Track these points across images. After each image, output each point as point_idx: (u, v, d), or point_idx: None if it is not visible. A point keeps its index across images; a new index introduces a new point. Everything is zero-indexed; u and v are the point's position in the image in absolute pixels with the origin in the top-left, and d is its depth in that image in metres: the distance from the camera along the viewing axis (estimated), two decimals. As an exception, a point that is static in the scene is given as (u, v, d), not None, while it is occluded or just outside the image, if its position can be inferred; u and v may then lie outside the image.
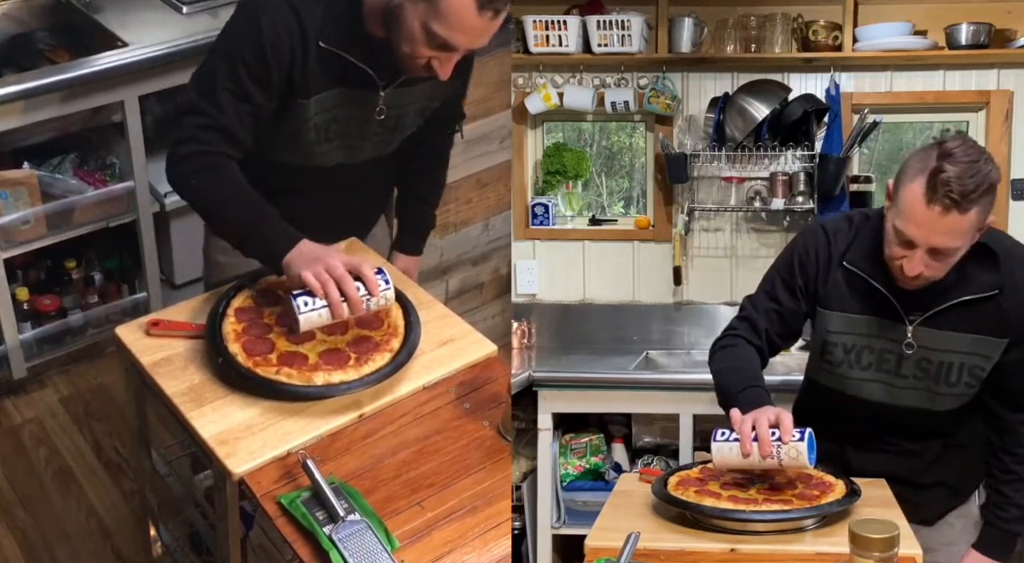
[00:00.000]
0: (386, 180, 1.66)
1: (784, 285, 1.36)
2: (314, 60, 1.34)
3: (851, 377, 1.34)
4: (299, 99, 1.37)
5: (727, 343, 1.39)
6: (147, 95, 2.14)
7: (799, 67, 2.37)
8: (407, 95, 1.44)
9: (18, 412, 2.30)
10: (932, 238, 1.19)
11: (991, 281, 1.27)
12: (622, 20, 2.32)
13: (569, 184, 2.53)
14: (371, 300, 1.30)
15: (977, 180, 1.16)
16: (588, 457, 2.17)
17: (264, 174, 1.48)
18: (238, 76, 1.32)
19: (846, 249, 1.32)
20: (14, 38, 2.29)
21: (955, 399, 1.33)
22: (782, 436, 1.17)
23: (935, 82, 2.36)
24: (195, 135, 1.35)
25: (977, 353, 1.29)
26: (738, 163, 2.37)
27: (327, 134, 1.44)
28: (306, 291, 1.28)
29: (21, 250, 2.17)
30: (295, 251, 1.31)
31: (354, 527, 1.10)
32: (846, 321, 1.32)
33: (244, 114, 1.35)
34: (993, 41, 2.26)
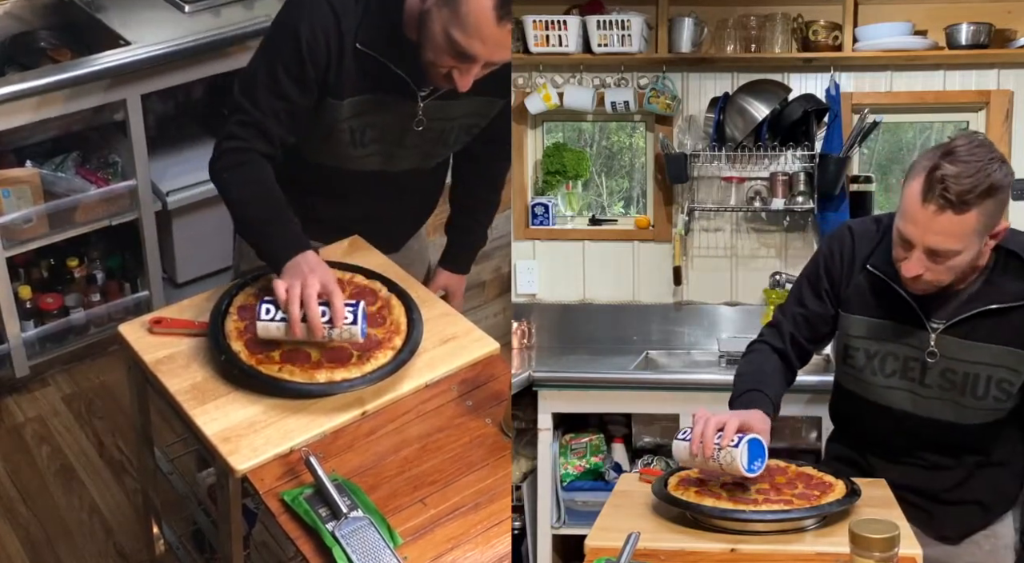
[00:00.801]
0: (428, 193, 1.66)
1: (810, 288, 1.35)
2: (350, 62, 1.35)
3: (875, 383, 1.31)
4: (332, 99, 1.39)
5: (750, 349, 1.40)
6: (149, 94, 2.15)
7: (799, 67, 2.37)
8: (449, 109, 1.44)
9: (21, 410, 2.31)
10: (928, 238, 1.16)
11: (1020, 290, 1.23)
12: (622, 20, 2.32)
13: (569, 184, 2.54)
14: (333, 330, 1.29)
15: (975, 180, 1.12)
16: (588, 457, 2.17)
17: (302, 174, 1.50)
18: (276, 75, 1.35)
19: (871, 252, 1.29)
20: (16, 37, 2.29)
21: (983, 414, 1.27)
22: (723, 438, 1.18)
23: (935, 82, 2.36)
24: (234, 132, 1.39)
25: (1005, 365, 1.24)
26: (738, 163, 2.38)
27: (363, 139, 1.45)
28: (273, 299, 1.30)
29: (23, 249, 2.17)
30: (296, 260, 1.32)
31: (357, 524, 1.11)
32: (867, 325, 1.30)
33: (281, 112, 1.37)
34: (993, 41, 2.27)
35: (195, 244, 2.40)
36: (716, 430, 1.18)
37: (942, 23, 2.29)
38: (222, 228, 1.69)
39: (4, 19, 2.28)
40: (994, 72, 2.33)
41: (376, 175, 1.51)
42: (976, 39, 2.26)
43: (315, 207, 1.54)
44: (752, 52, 2.36)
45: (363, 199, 1.56)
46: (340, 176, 1.52)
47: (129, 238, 2.34)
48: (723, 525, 1.16)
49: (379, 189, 1.54)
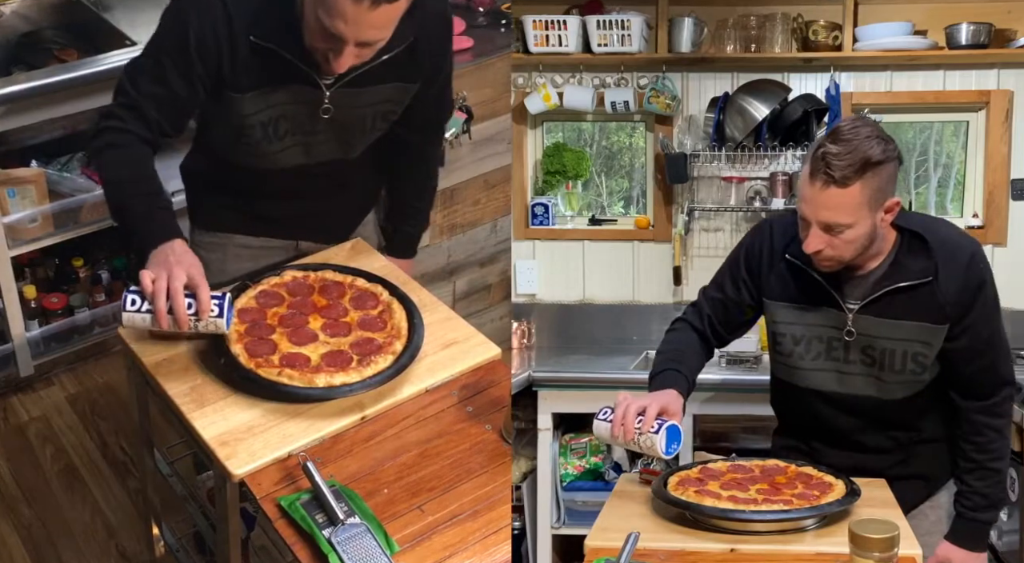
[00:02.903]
0: (365, 183, 1.64)
1: (730, 277, 1.42)
2: (246, 55, 1.34)
3: (803, 367, 1.38)
4: (231, 93, 1.37)
5: (673, 327, 1.46)
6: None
7: (799, 67, 2.37)
8: (357, 96, 1.42)
9: (25, 410, 2.31)
10: (819, 213, 1.25)
11: (923, 268, 1.31)
12: (622, 20, 2.32)
13: (569, 184, 2.54)
14: (199, 322, 1.29)
15: (853, 157, 1.22)
16: (588, 457, 2.18)
17: (232, 178, 1.49)
18: (161, 64, 1.35)
19: (789, 242, 1.36)
20: (23, 36, 2.29)
21: (903, 387, 1.35)
22: (643, 423, 1.24)
23: (935, 82, 2.36)
24: (115, 112, 1.38)
25: (918, 340, 1.32)
26: (738, 163, 2.38)
27: (276, 133, 1.43)
28: (139, 290, 1.29)
29: (28, 248, 2.17)
30: (161, 248, 1.31)
31: (354, 530, 1.11)
32: (790, 311, 1.37)
33: (163, 101, 1.37)
34: (993, 41, 2.26)
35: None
36: (636, 415, 1.25)
37: (942, 23, 2.29)
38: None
39: (11, 19, 2.28)
40: (994, 72, 2.32)
41: (301, 169, 1.50)
42: (976, 39, 2.25)
43: (253, 207, 1.54)
44: (752, 52, 2.35)
45: (297, 195, 1.54)
46: (265, 175, 1.50)
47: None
48: (723, 525, 1.16)
49: (310, 183, 1.53)
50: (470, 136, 2.07)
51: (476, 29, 2.11)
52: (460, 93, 2.02)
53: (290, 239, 1.60)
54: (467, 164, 2.15)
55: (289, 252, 1.60)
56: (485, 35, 2.10)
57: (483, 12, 2.14)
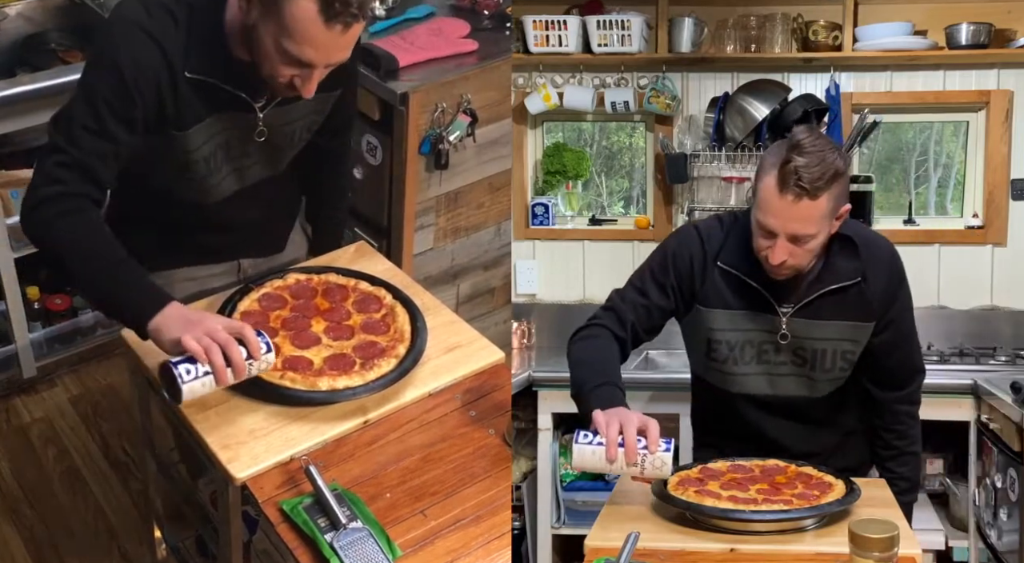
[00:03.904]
0: (292, 191, 1.63)
1: (654, 282, 1.39)
2: (185, 90, 1.29)
3: (736, 372, 1.39)
4: (174, 132, 1.32)
5: (590, 333, 1.38)
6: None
7: (799, 67, 2.37)
8: (288, 113, 1.41)
9: (27, 411, 2.31)
10: (789, 226, 1.26)
11: (854, 269, 1.34)
12: (622, 20, 2.32)
13: (569, 184, 2.54)
14: (253, 364, 1.22)
15: (823, 168, 1.23)
16: (588, 457, 2.18)
17: (166, 216, 1.44)
18: (99, 114, 1.26)
19: (719, 249, 1.37)
20: (28, 38, 2.29)
21: (830, 384, 1.39)
22: (649, 445, 1.17)
23: (935, 82, 2.36)
24: (55, 174, 1.26)
25: (847, 339, 1.36)
26: (738, 163, 2.38)
27: (215, 163, 1.39)
28: (186, 357, 1.19)
29: (32, 250, 2.14)
30: (163, 314, 1.22)
31: (356, 535, 1.10)
32: (726, 317, 1.37)
33: (107, 154, 1.28)
34: (993, 41, 2.26)
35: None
36: (636, 434, 1.18)
37: (942, 23, 2.29)
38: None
39: (16, 20, 2.28)
40: (994, 72, 2.33)
41: (236, 194, 1.46)
42: (976, 39, 2.25)
43: (193, 239, 1.48)
44: (752, 52, 2.36)
45: (233, 218, 1.51)
46: (203, 207, 1.45)
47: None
48: (723, 525, 1.16)
49: (245, 205, 1.50)
50: (475, 139, 2.07)
51: (481, 32, 2.11)
52: (465, 96, 2.03)
53: (232, 261, 1.58)
54: (471, 167, 2.15)
55: (233, 273, 1.58)
56: (490, 38, 2.10)
57: (488, 15, 2.14)
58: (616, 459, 1.17)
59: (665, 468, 1.18)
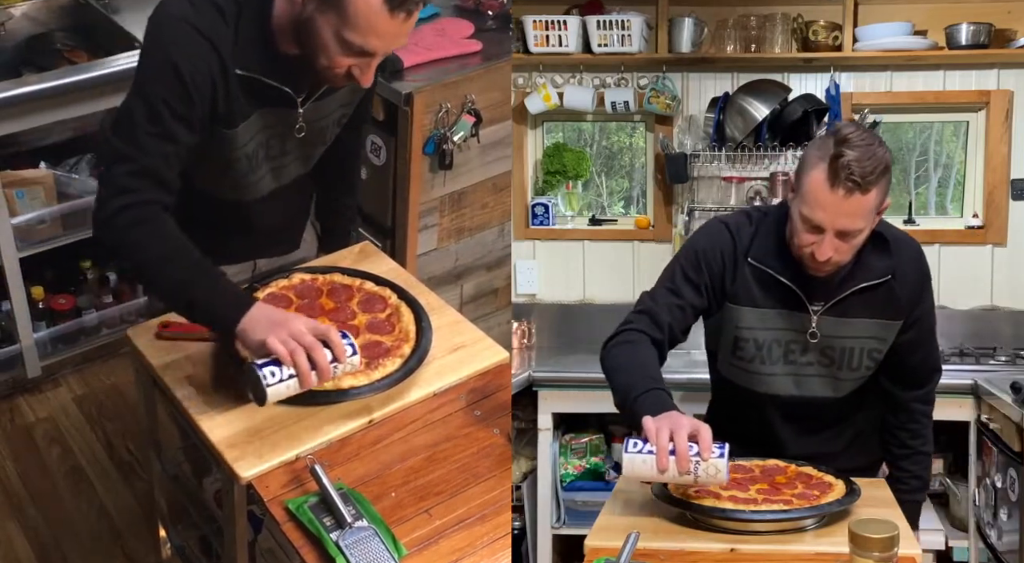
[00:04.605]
0: (308, 189, 1.63)
1: (687, 280, 1.36)
2: (234, 88, 1.29)
3: (762, 372, 1.37)
4: (224, 129, 1.32)
5: (626, 339, 1.32)
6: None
7: (799, 67, 2.38)
8: (323, 108, 1.42)
9: (32, 411, 2.32)
10: (838, 221, 1.24)
11: (885, 266, 1.33)
12: (622, 20, 2.33)
13: (569, 184, 2.55)
14: (338, 366, 1.23)
15: (875, 162, 1.22)
16: (588, 457, 2.19)
17: (200, 216, 1.42)
18: (160, 117, 1.25)
19: (749, 245, 1.35)
20: (33, 38, 2.30)
21: (854, 383, 1.38)
22: (701, 452, 1.13)
23: (935, 82, 2.37)
24: (126, 184, 1.26)
25: (875, 336, 1.35)
26: (738, 163, 2.39)
27: (257, 161, 1.39)
28: (271, 360, 1.20)
29: (37, 249, 2.18)
30: (250, 316, 1.23)
31: (361, 534, 1.11)
32: (757, 315, 1.35)
33: (171, 156, 1.27)
34: (993, 41, 2.27)
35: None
36: (688, 440, 1.14)
37: (942, 23, 2.30)
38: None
39: (21, 21, 2.29)
40: (994, 72, 2.33)
41: (271, 194, 1.47)
42: (976, 39, 2.26)
43: (219, 240, 1.42)
44: (752, 52, 2.36)
45: (264, 220, 1.51)
46: (242, 208, 1.46)
47: (141, 240, 2.36)
48: (723, 525, 1.16)
49: (275, 204, 1.50)
50: (479, 140, 2.07)
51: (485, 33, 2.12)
52: (469, 97, 2.03)
53: (249, 261, 1.59)
54: (475, 168, 2.15)
55: (247, 272, 1.58)
56: (494, 39, 2.10)
57: (492, 16, 2.15)
58: (668, 468, 1.13)
59: (720, 475, 1.13)
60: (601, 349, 1.35)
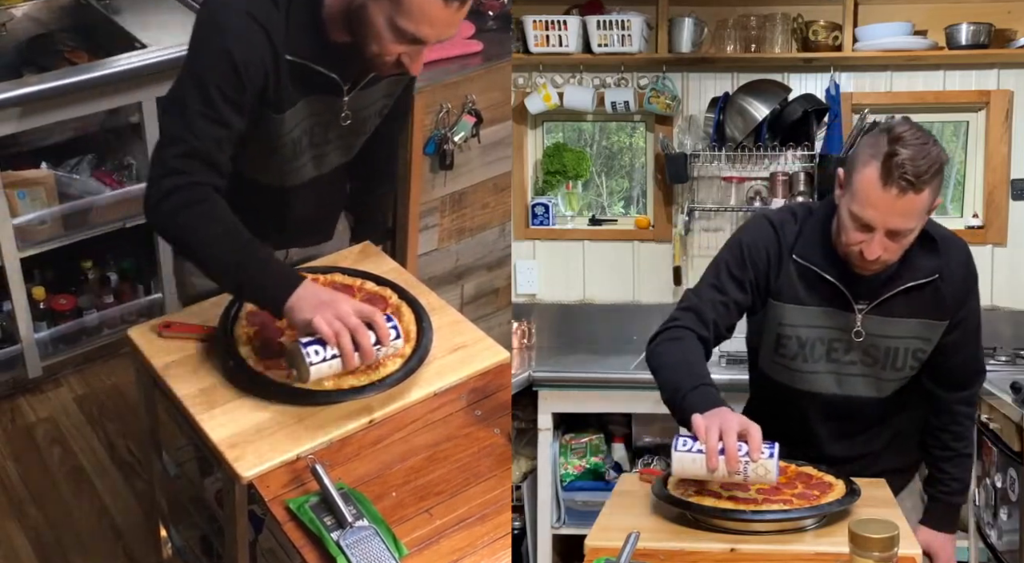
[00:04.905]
0: (344, 180, 1.64)
1: (731, 277, 1.34)
2: (284, 74, 1.31)
3: (804, 370, 1.36)
4: (274, 114, 1.34)
5: (672, 335, 1.31)
6: (164, 97, 2.16)
7: (799, 67, 2.38)
8: (367, 97, 1.44)
9: (33, 411, 2.33)
10: (890, 220, 1.22)
11: (932, 266, 1.31)
12: (622, 20, 2.33)
13: (569, 184, 2.55)
14: (381, 349, 1.26)
15: (929, 161, 1.20)
16: (588, 457, 2.19)
17: (241, 201, 1.42)
18: (212, 101, 1.27)
19: (794, 241, 1.33)
20: (34, 39, 2.30)
21: (898, 383, 1.36)
22: (751, 452, 1.13)
23: (935, 82, 2.37)
24: (176, 166, 1.28)
25: (920, 337, 1.33)
26: (738, 163, 2.39)
27: (300, 147, 1.42)
28: (316, 339, 1.23)
29: (38, 250, 2.18)
30: (298, 294, 1.25)
31: (362, 533, 1.11)
32: (800, 313, 1.34)
33: (222, 140, 1.30)
34: (993, 41, 2.27)
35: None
36: (738, 440, 1.14)
37: (942, 23, 2.30)
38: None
39: (22, 21, 2.29)
40: (994, 72, 2.34)
41: (312, 181, 1.48)
42: (976, 39, 2.26)
43: (260, 227, 1.43)
44: (752, 52, 2.36)
45: (301, 206, 1.53)
46: (284, 195, 1.48)
47: (143, 240, 2.34)
48: (723, 525, 1.16)
49: (315, 193, 1.52)
50: (479, 140, 2.08)
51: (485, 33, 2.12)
52: (469, 97, 2.03)
53: (282, 249, 1.60)
54: (476, 168, 2.16)
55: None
56: (494, 39, 2.11)
57: (493, 16, 2.15)
58: (718, 468, 1.13)
59: (769, 475, 1.14)
60: (647, 346, 1.34)
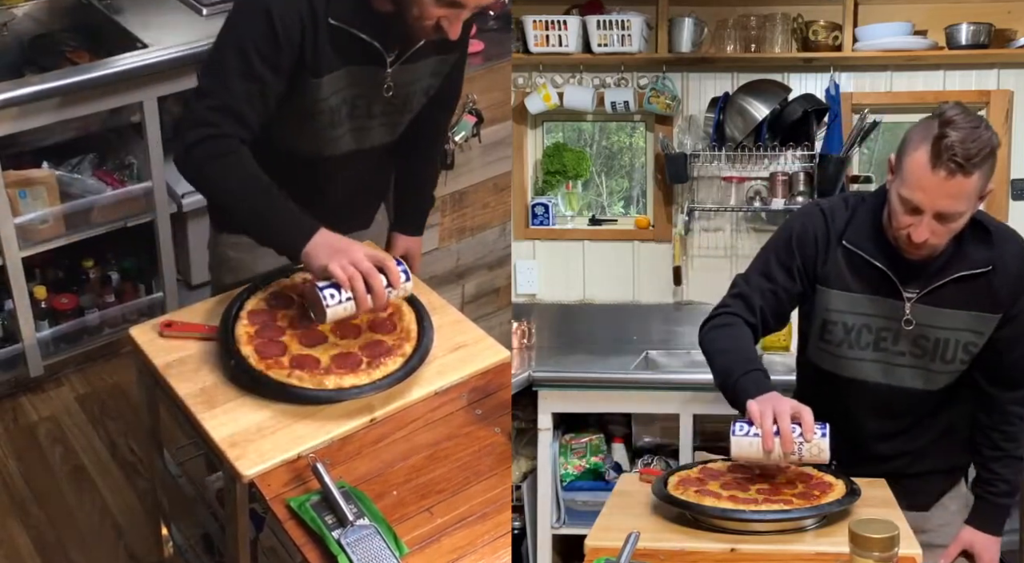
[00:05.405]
0: (389, 164, 1.66)
1: (780, 264, 1.36)
2: (324, 38, 1.35)
3: (850, 357, 1.35)
4: (312, 78, 1.37)
5: (723, 321, 1.35)
6: (166, 96, 2.15)
7: (799, 67, 2.38)
8: (412, 71, 1.45)
9: (35, 410, 2.33)
10: (938, 202, 1.21)
11: (985, 257, 1.30)
12: (622, 20, 2.33)
13: (569, 184, 2.55)
14: (392, 292, 1.33)
15: (980, 144, 1.19)
16: (588, 457, 2.19)
17: (278, 167, 1.46)
18: (247, 57, 1.32)
19: (844, 228, 1.33)
20: (36, 38, 2.30)
21: (948, 376, 1.35)
22: (804, 433, 1.18)
23: (935, 82, 2.37)
24: (206, 117, 1.34)
25: (972, 329, 1.32)
26: (738, 163, 2.39)
27: (339, 117, 1.44)
28: (331, 283, 1.30)
29: (39, 249, 2.19)
30: (314, 241, 1.32)
31: (363, 532, 1.12)
32: (847, 299, 1.33)
33: (254, 95, 1.35)
34: (993, 41, 2.27)
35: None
36: (792, 422, 1.18)
37: (942, 23, 2.30)
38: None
39: (23, 21, 2.29)
40: (994, 72, 2.33)
41: (349, 156, 1.50)
42: (976, 39, 2.26)
43: (299, 202, 1.45)
44: (752, 52, 2.37)
45: (339, 184, 1.55)
46: (322, 165, 1.50)
47: (144, 240, 2.35)
48: (723, 525, 1.17)
49: (355, 170, 1.54)
50: (480, 139, 2.08)
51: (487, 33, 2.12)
52: (470, 96, 2.04)
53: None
54: (476, 167, 2.17)
55: None
56: (495, 39, 2.11)
57: (494, 16, 2.15)
58: (773, 449, 1.18)
59: (823, 454, 1.18)
60: (699, 331, 1.38)
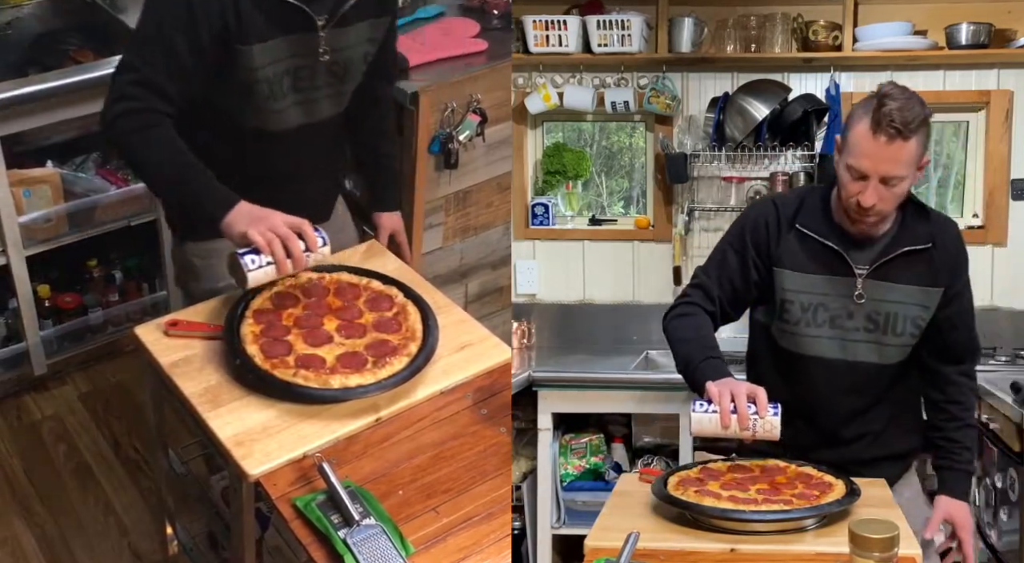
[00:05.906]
0: (340, 142, 1.67)
1: (735, 254, 1.43)
2: (248, 4, 1.36)
3: (808, 335, 1.41)
4: (239, 46, 1.38)
5: (684, 311, 1.44)
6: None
7: (799, 67, 2.38)
8: (347, 36, 1.47)
9: (38, 408, 2.34)
10: (881, 167, 1.30)
11: (926, 233, 1.39)
12: (622, 20, 2.33)
13: (569, 184, 2.55)
14: (311, 256, 1.38)
15: (915, 113, 1.29)
16: (588, 457, 2.19)
17: (228, 142, 1.49)
18: (163, 30, 1.35)
19: (795, 214, 1.41)
20: (39, 37, 2.31)
21: (899, 351, 1.42)
22: (759, 410, 1.26)
23: (935, 82, 2.37)
24: (127, 91, 1.38)
25: (918, 303, 1.40)
26: (738, 163, 2.40)
27: (281, 89, 1.46)
28: (252, 249, 1.35)
29: (43, 248, 2.20)
30: (235, 211, 1.36)
31: (369, 531, 1.12)
32: (801, 279, 1.40)
33: (173, 68, 1.37)
34: (993, 41, 2.27)
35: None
36: (748, 401, 1.26)
37: (942, 23, 2.30)
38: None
39: (27, 20, 2.30)
40: (994, 72, 2.34)
41: (298, 131, 1.51)
42: (976, 39, 2.27)
43: (249, 185, 1.46)
44: (752, 52, 2.37)
45: (290, 166, 1.55)
46: (267, 140, 1.51)
47: (148, 238, 2.35)
48: (723, 525, 1.17)
49: (303, 148, 1.55)
50: (484, 139, 2.09)
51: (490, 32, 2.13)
52: (474, 96, 2.04)
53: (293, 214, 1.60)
54: (480, 167, 2.17)
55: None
56: (499, 38, 2.11)
57: (497, 15, 2.16)
58: (730, 425, 1.26)
59: (775, 430, 1.26)
60: (662, 319, 1.45)
